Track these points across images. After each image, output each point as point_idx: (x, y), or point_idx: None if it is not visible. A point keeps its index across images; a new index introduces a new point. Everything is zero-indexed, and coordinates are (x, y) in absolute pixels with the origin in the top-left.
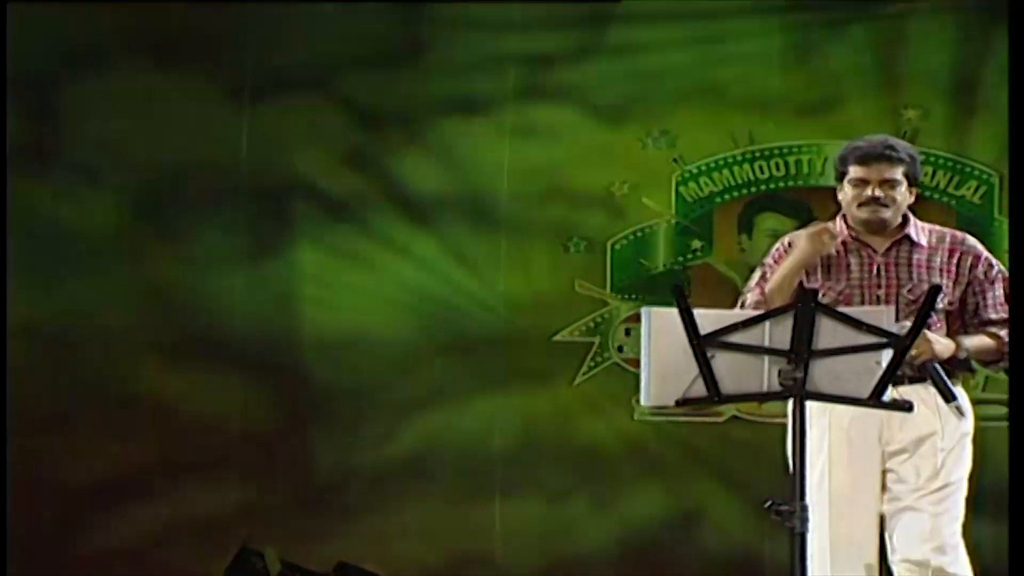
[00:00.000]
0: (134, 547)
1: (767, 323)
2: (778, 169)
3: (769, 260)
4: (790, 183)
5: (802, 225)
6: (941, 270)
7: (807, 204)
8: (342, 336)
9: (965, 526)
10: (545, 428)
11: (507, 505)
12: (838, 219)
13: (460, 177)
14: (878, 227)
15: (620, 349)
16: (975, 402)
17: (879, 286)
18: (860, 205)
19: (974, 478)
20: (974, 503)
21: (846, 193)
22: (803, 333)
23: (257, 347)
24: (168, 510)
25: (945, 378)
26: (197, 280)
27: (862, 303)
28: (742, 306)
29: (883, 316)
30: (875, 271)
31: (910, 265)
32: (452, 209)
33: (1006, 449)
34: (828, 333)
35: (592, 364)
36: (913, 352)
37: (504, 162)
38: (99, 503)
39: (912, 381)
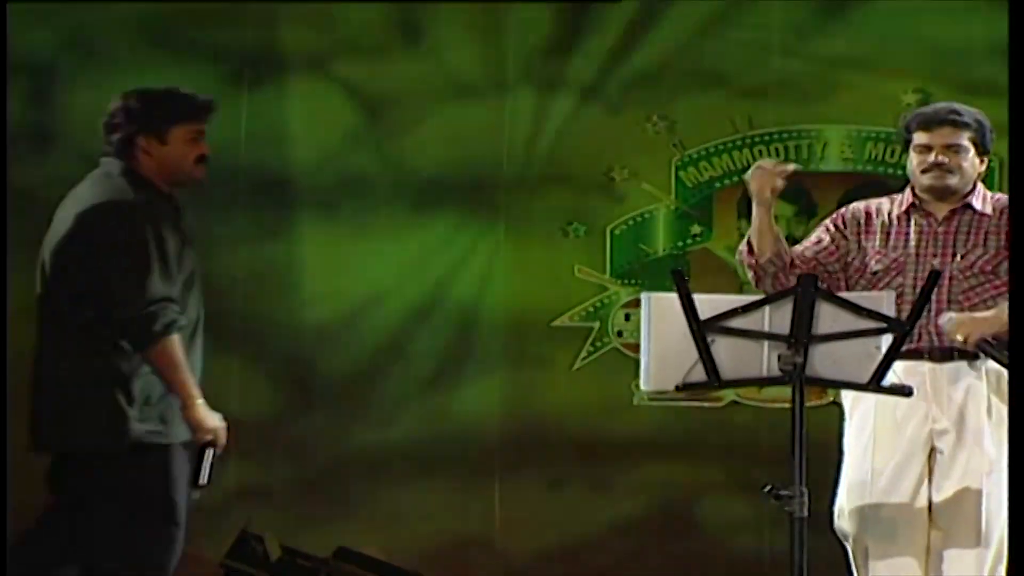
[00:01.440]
0: None
1: (767, 308)
2: (778, 154)
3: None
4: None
5: (801, 211)
6: (998, 235)
7: (807, 190)
8: (341, 320)
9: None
10: (544, 413)
11: (507, 489)
12: (906, 189)
13: (460, 161)
14: (942, 193)
15: (620, 334)
16: None
17: (935, 255)
18: (924, 171)
19: None
20: None
21: (911, 160)
22: (803, 318)
23: (256, 330)
24: None
25: (995, 350)
26: (196, 262)
27: (915, 271)
28: (740, 259)
29: (883, 301)
30: (934, 239)
31: (968, 233)
32: (452, 193)
33: None
34: (828, 318)
35: (591, 349)
36: (959, 337)
37: (503, 147)
38: None
39: (962, 357)
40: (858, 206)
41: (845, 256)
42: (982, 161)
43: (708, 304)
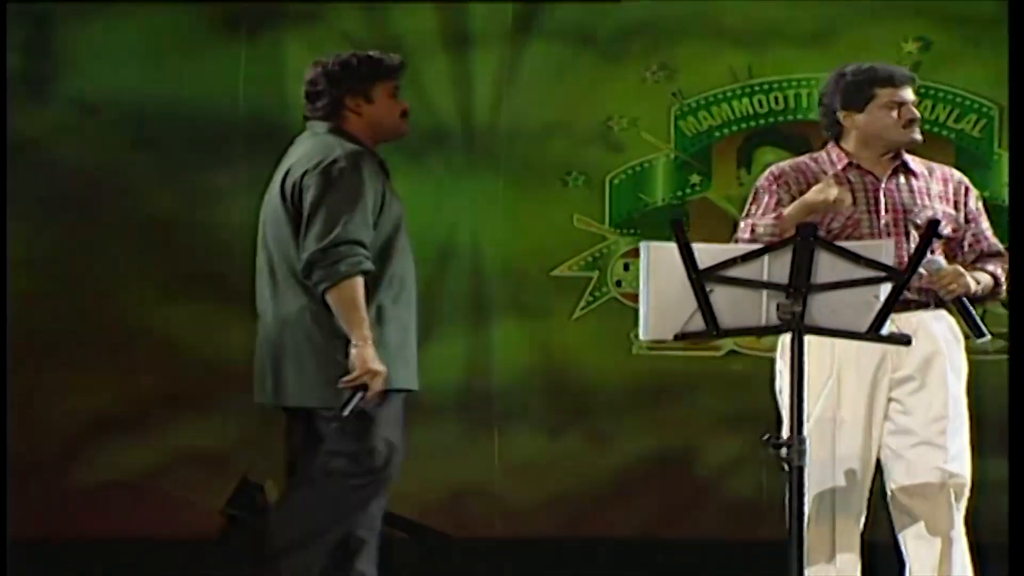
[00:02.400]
0: (135, 480)
1: (766, 257)
2: (777, 103)
3: (763, 185)
4: (789, 117)
5: None
6: (940, 197)
7: (806, 138)
8: None
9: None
10: (544, 363)
11: (506, 439)
12: (832, 147)
13: (458, 112)
14: (915, 147)
15: (619, 284)
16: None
17: (885, 211)
18: (905, 127)
19: (973, 412)
20: (974, 437)
21: (877, 117)
22: (802, 267)
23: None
24: (168, 444)
25: (975, 313)
26: (196, 214)
27: (870, 229)
28: (752, 231)
29: (882, 250)
30: (880, 197)
31: (912, 192)
32: (451, 144)
33: (1004, 382)
34: (827, 267)
35: (591, 299)
36: (953, 286)
37: (502, 97)
38: (100, 437)
39: (919, 307)
40: (786, 168)
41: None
42: None
43: (707, 253)
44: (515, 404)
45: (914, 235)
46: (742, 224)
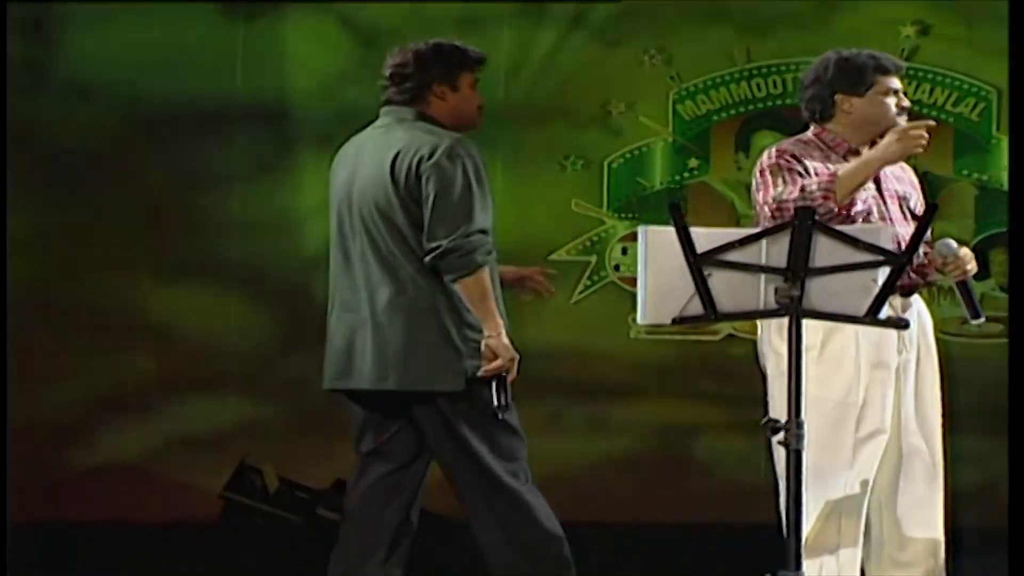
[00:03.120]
0: (133, 464)
1: (764, 241)
2: (775, 87)
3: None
4: (787, 101)
5: None
6: (909, 183)
7: (805, 122)
8: None
9: (961, 439)
10: (541, 346)
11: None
12: (821, 130)
13: None
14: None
15: (616, 268)
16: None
17: (890, 196)
18: (898, 115)
19: (974, 394)
20: (974, 418)
21: (877, 104)
22: (800, 251)
23: (255, 266)
24: (167, 427)
25: (975, 295)
26: (194, 198)
27: (880, 215)
28: (802, 190)
29: (880, 234)
30: (882, 184)
31: (899, 179)
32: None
33: (1002, 365)
34: (825, 251)
35: (588, 283)
36: (969, 267)
37: (500, 80)
38: (98, 420)
39: (912, 291)
40: (794, 151)
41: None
42: None
43: (705, 237)
44: (513, 388)
45: (909, 220)
46: (769, 199)
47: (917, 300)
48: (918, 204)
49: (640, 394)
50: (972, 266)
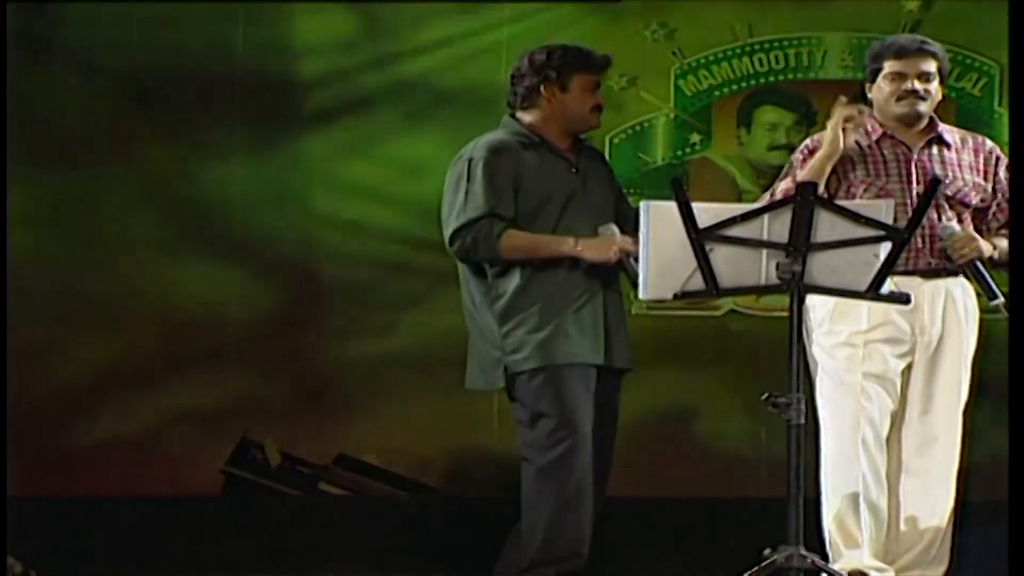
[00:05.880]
0: (135, 439)
1: (765, 216)
2: (777, 62)
3: (797, 156)
4: (789, 76)
5: (801, 119)
6: (971, 168)
7: (806, 97)
8: (343, 229)
9: (966, 413)
10: None
11: (505, 399)
12: (867, 118)
13: (460, 70)
14: (913, 120)
15: None
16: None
17: (917, 182)
18: (898, 99)
19: (977, 367)
20: (977, 391)
21: (882, 89)
22: (802, 226)
23: (257, 240)
24: (169, 402)
25: (988, 277)
26: (196, 172)
27: (902, 199)
28: (772, 195)
29: (882, 209)
30: (912, 169)
31: (943, 163)
32: (452, 102)
33: (1005, 338)
34: (826, 226)
35: None
36: (965, 251)
37: (503, 56)
38: (100, 395)
39: (949, 274)
40: (819, 139)
41: (833, 190)
42: (940, 89)
43: (707, 212)
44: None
45: (946, 207)
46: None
47: (953, 284)
48: (966, 189)
49: (641, 370)
50: (968, 250)
